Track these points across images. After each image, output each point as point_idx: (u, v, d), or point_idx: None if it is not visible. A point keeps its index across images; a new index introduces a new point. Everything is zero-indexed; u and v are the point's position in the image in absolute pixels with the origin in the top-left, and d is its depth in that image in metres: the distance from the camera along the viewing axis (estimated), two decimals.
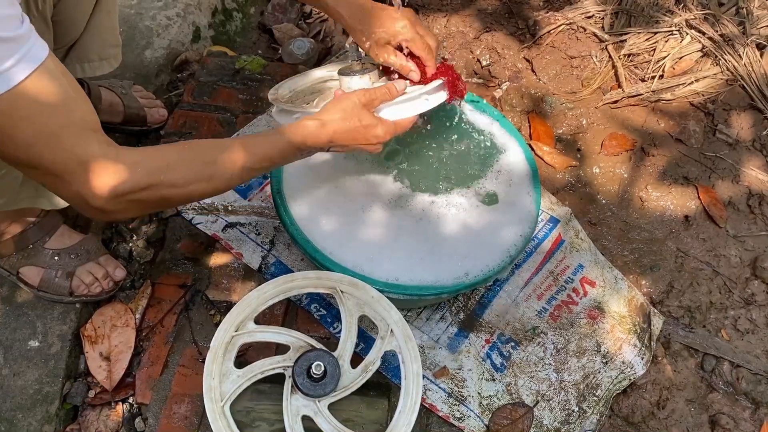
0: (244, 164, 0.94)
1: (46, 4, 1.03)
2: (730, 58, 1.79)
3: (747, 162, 1.68)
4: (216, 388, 1.01)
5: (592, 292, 1.43)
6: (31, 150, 0.78)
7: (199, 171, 0.91)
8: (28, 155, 0.79)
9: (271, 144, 0.99)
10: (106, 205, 0.84)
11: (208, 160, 0.92)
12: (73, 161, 0.80)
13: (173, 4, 1.88)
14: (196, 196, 0.95)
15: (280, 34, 2.01)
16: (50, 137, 0.78)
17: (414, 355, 1.08)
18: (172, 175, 0.88)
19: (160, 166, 0.87)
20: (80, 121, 0.81)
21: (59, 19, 1.14)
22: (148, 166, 0.86)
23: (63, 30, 1.19)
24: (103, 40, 1.31)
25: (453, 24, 1.95)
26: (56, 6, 1.11)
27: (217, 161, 0.93)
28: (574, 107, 1.75)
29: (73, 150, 0.80)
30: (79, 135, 0.80)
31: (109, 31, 1.33)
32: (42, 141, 0.77)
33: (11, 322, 1.28)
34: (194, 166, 0.91)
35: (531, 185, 1.32)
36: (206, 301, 1.34)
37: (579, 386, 1.31)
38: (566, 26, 1.91)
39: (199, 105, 1.65)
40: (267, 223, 1.41)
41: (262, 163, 0.98)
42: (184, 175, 0.89)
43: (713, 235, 1.56)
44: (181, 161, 0.90)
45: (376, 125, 1.04)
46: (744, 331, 1.44)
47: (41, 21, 1.07)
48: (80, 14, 1.21)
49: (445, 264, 1.21)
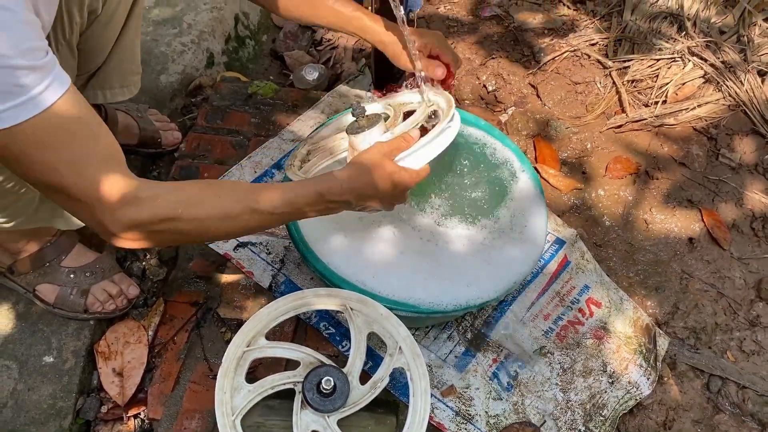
0: (265, 207, 0.94)
1: (74, 33, 1.08)
2: (732, 85, 1.82)
3: (750, 185, 1.70)
4: (227, 402, 1.03)
5: (598, 313, 1.44)
6: (55, 174, 0.79)
7: (219, 210, 0.91)
8: (51, 179, 0.80)
9: (296, 190, 0.97)
10: (123, 234, 0.86)
11: (230, 200, 0.92)
12: (95, 189, 0.81)
13: (188, 31, 1.94)
14: (212, 234, 0.94)
15: (292, 60, 2.07)
16: (75, 164, 0.79)
17: (422, 373, 1.09)
18: (192, 210, 0.88)
19: (180, 200, 0.88)
20: (104, 150, 0.83)
21: (84, 48, 1.19)
22: (168, 200, 0.87)
23: (87, 58, 1.23)
24: (124, 69, 1.35)
25: (459, 51, 2.00)
26: (82, 35, 1.16)
27: (239, 201, 0.93)
28: (578, 131, 1.79)
29: (95, 178, 0.81)
30: (102, 163, 0.82)
31: (132, 59, 1.37)
32: (66, 167, 0.79)
33: (27, 338, 1.30)
34: (215, 204, 0.91)
35: (537, 207, 1.34)
36: (217, 319, 1.36)
37: (585, 406, 1.32)
38: (570, 53, 1.96)
39: (212, 128, 1.69)
40: (277, 243, 1.44)
41: (284, 209, 0.96)
42: (203, 212, 0.90)
43: (717, 258, 1.58)
44: (202, 198, 0.90)
45: (402, 172, 1.05)
46: (749, 352, 1.45)
47: (67, 49, 1.11)
48: (105, 43, 1.25)
49: (452, 283, 1.22)
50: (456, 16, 2.13)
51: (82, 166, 0.80)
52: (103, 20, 1.18)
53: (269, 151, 1.62)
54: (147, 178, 1.60)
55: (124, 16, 1.24)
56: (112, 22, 1.21)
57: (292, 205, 0.96)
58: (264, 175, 1.56)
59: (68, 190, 0.81)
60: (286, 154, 1.60)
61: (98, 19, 1.16)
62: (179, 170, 1.60)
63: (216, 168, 1.60)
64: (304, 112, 1.73)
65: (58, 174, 0.79)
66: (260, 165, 1.58)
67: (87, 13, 1.12)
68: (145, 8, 1.97)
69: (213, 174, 1.58)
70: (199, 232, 0.92)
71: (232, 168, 1.58)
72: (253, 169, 1.57)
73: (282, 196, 0.95)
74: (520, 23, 2.07)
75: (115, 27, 1.24)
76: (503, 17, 2.11)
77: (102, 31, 1.20)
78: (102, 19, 1.17)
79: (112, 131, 0.89)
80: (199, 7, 2.01)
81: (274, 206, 0.94)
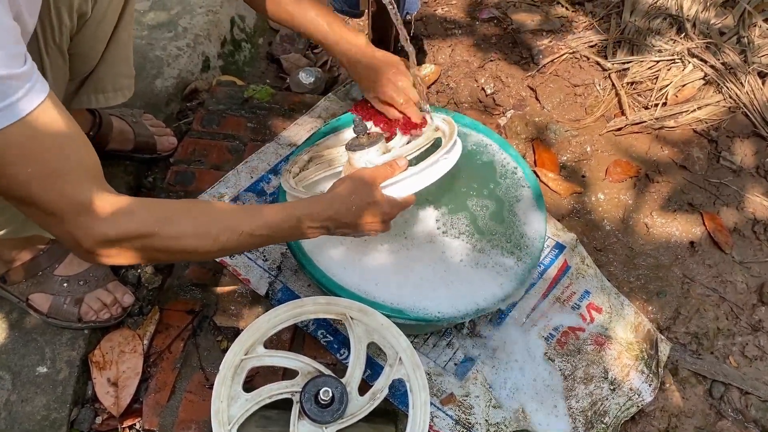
0: (244, 228, 0.93)
1: (63, 37, 1.06)
2: (732, 86, 1.81)
3: (751, 188, 1.69)
4: (224, 410, 1.01)
5: (599, 318, 1.42)
6: (28, 187, 0.77)
7: (198, 229, 0.89)
8: (23, 192, 0.77)
9: (274, 213, 0.98)
10: (96, 249, 0.83)
11: (208, 219, 0.91)
12: (68, 203, 0.79)
13: (183, 34, 1.92)
14: (190, 254, 0.92)
15: (288, 64, 2.05)
16: (48, 177, 0.77)
17: (422, 384, 1.07)
18: (169, 228, 0.87)
19: (158, 218, 0.86)
20: (81, 163, 0.80)
21: (75, 52, 1.17)
22: (144, 217, 0.85)
23: (79, 62, 1.21)
24: (117, 72, 1.33)
25: (458, 53, 1.98)
26: (73, 39, 1.14)
27: (217, 221, 0.92)
28: (578, 134, 1.77)
29: (69, 192, 0.79)
30: (77, 177, 0.79)
31: (124, 62, 1.34)
32: (40, 180, 0.76)
33: (20, 348, 1.28)
34: (193, 222, 0.89)
35: (536, 211, 1.33)
36: (213, 327, 1.34)
37: (587, 413, 1.30)
38: (569, 55, 1.94)
39: (208, 133, 1.68)
40: (274, 249, 1.42)
41: (262, 231, 0.96)
42: (181, 230, 0.88)
43: (719, 261, 1.56)
44: (181, 216, 0.89)
45: (382, 203, 1.06)
46: (752, 357, 1.44)
47: (57, 53, 1.09)
48: (96, 47, 1.23)
49: (451, 291, 1.21)
50: (453, 18, 2.11)
51: (55, 179, 0.77)
52: (94, 23, 1.16)
53: (265, 155, 1.60)
54: (142, 184, 1.61)
55: (115, 18, 1.22)
56: (103, 24, 1.19)
57: (271, 228, 0.97)
58: (260, 180, 1.54)
59: (41, 204, 0.78)
60: (282, 158, 1.59)
61: (88, 22, 1.14)
62: (175, 176, 1.58)
63: (212, 173, 1.58)
64: (300, 117, 1.71)
65: (30, 187, 0.76)
66: (256, 170, 1.57)
67: (77, 17, 1.09)
68: (140, 12, 1.95)
69: (209, 179, 1.56)
70: (177, 251, 0.90)
71: (228, 173, 1.56)
72: (250, 174, 1.56)
73: (262, 219, 0.96)
74: (518, 25, 2.05)
75: (106, 29, 1.21)
76: (501, 19, 2.09)
77: (93, 34, 1.18)
78: (92, 21, 1.15)
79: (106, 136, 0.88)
80: (194, 10, 1.99)
81: (253, 228, 0.95)
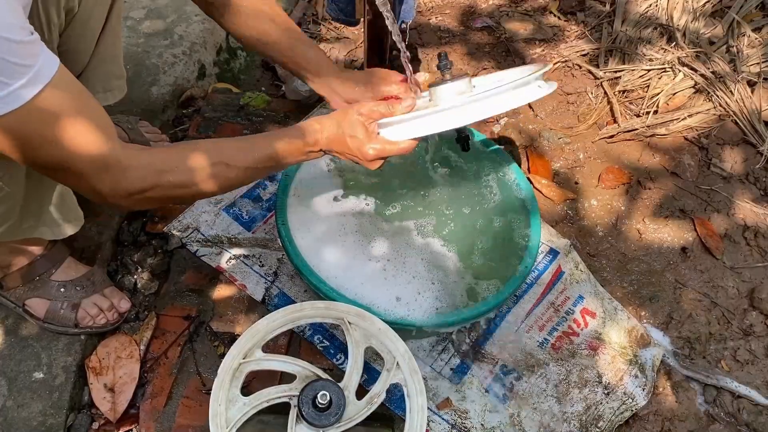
0: (248, 164, 1.00)
1: (53, 35, 1.05)
2: (722, 95, 1.84)
3: (741, 195, 1.71)
4: (222, 414, 1.01)
5: (593, 323, 1.44)
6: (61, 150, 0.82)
7: (204, 172, 0.96)
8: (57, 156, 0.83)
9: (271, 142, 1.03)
10: (122, 202, 0.92)
11: (213, 161, 0.96)
12: (92, 163, 0.85)
13: (179, 42, 1.93)
14: (203, 194, 1.00)
15: (283, 71, 2.06)
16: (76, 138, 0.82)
17: (419, 389, 1.08)
18: (179, 176, 0.94)
19: (167, 167, 0.93)
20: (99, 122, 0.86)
21: (65, 49, 1.15)
22: (156, 168, 0.92)
23: (70, 59, 1.19)
24: (106, 72, 1.32)
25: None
26: (62, 35, 1.13)
27: (222, 161, 0.97)
28: (571, 142, 1.79)
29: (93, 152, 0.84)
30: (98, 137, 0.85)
31: (113, 61, 1.33)
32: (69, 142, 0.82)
33: (16, 353, 1.28)
34: (198, 167, 0.95)
35: (530, 217, 1.34)
36: (210, 333, 1.35)
37: (581, 417, 1.31)
38: (562, 63, 1.97)
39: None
40: (270, 255, 1.43)
41: (267, 163, 1.02)
42: (189, 178, 0.95)
43: (710, 267, 1.58)
44: (187, 163, 0.95)
45: (366, 142, 1.04)
46: (744, 361, 1.45)
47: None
48: (86, 43, 1.22)
49: (447, 296, 1.22)
50: (447, 27, 2.13)
51: (83, 139, 0.83)
52: (82, 18, 1.14)
53: None
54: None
55: (103, 14, 1.21)
56: (92, 19, 1.18)
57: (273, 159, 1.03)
58: (257, 187, 1.54)
59: (72, 165, 0.84)
60: None
61: (76, 18, 1.13)
62: None
63: None
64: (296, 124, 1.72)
65: (62, 150, 0.82)
66: None
67: (64, 13, 1.09)
68: (136, 20, 1.96)
69: None
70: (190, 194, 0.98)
71: None
72: None
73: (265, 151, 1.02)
74: (511, 34, 2.08)
75: (95, 25, 1.21)
76: (494, 28, 2.12)
77: (82, 30, 1.17)
78: (80, 17, 1.14)
79: None
80: (190, 18, 2.00)
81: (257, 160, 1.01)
